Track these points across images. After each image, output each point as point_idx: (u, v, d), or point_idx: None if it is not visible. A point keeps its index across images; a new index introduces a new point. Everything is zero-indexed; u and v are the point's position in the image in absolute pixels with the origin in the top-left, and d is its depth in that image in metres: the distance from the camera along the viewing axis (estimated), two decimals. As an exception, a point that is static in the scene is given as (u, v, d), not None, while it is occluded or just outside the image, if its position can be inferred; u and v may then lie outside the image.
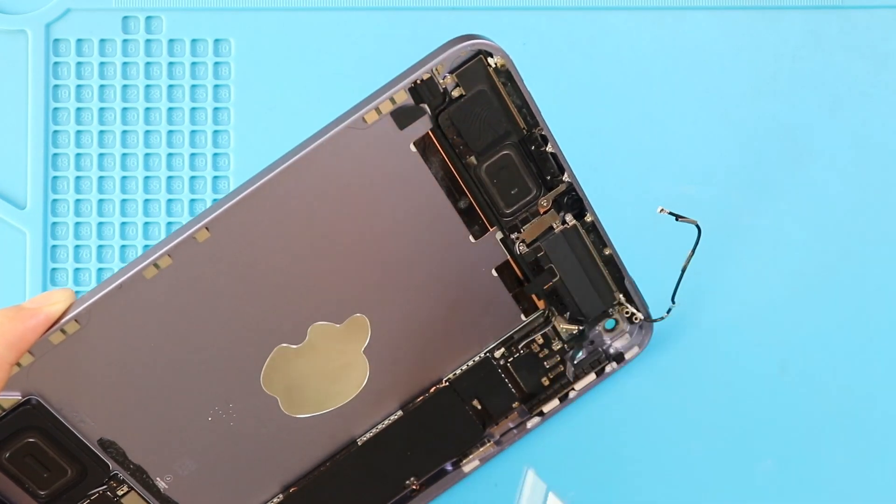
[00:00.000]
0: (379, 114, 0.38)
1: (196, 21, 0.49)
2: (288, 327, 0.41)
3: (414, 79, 0.37)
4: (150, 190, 0.49)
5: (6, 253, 0.49)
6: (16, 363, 0.37)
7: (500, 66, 0.38)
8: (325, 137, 0.38)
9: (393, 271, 0.41)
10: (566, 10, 0.49)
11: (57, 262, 0.49)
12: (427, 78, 0.38)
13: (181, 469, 0.43)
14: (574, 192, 0.41)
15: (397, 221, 0.40)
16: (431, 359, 0.44)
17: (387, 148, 0.39)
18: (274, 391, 0.42)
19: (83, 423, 0.40)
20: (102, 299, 0.38)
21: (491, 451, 0.47)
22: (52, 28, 0.49)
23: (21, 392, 0.39)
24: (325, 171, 0.38)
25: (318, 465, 0.45)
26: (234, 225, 0.38)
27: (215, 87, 0.49)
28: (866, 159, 0.49)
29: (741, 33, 0.49)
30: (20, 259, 0.49)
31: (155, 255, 0.38)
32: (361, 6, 0.49)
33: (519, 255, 0.42)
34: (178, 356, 0.40)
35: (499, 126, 0.39)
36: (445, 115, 0.38)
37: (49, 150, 0.49)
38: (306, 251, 0.40)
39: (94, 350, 0.39)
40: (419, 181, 0.40)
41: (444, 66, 0.38)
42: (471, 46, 0.38)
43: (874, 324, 0.48)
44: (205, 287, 0.39)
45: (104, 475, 0.42)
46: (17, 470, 0.40)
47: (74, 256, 0.49)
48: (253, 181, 0.38)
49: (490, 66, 0.38)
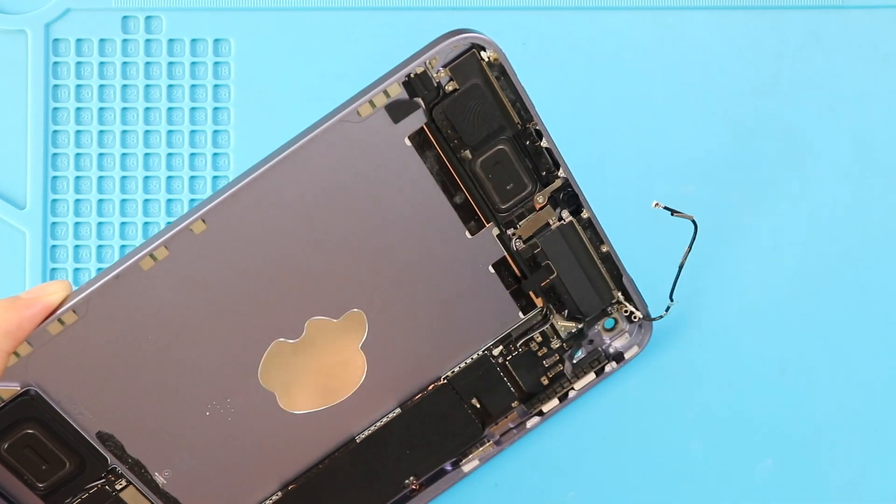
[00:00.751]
0: (373, 107, 0.38)
1: (196, 21, 0.49)
2: (285, 321, 0.41)
3: (407, 72, 0.38)
4: (150, 190, 0.49)
5: (6, 253, 0.49)
6: (13, 352, 0.38)
7: (493, 60, 0.38)
8: (320, 129, 0.38)
9: (389, 266, 0.41)
10: (566, 10, 0.49)
11: (57, 262, 0.49)
12: (421, 72, 0.38)
13: (180, 464, 0.43)
14: (570, 187, 0.42)
15: (393, 216, 0.40)
16: (429, 356, 0.44)
17: (382, 142, 0.39)
18: (271, 386, 0.42)
19: (81, 415, 0.40)
20: (100, 289, 0.38)
21: (491, 451, 0.47)
22: (52, 28, 0.49)
23: (20, 383, 0.39)
24: (321, 164, 0.39)
25: (317, 463, 0.45)
26: (229, 217, 0.38)
27: (215, 86, 0.49)
28: (866, 159, 0.49)
29: (741, 33, 0.49)
30: (20, 259, 0.49)
31: (151, 246, 0.38)
32: (361, 6, 0.49)
33: (515, 252, 0.42)
34: (176, 349, 0.40)
35: (493, 120, 0.39)
36: (440, 108, 0.39)
37: (49, 150, 0.49)
38: (302, 245, 0.40)
39: (92, 342, 0.39)
40: (415, 176, 0.40)
41: (437, 60, 0.38)
42: (464, 40, 0.38)
43: (874, 324, 0.48)
44: (202, 279, 0.39)
45: (102, 469, 0.42)
46: (16, 461, 0.40)
47: (74, 256, 0.49)
48: (248, 173, 0.38)
49: (483, 60, 0.38)
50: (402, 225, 0.41)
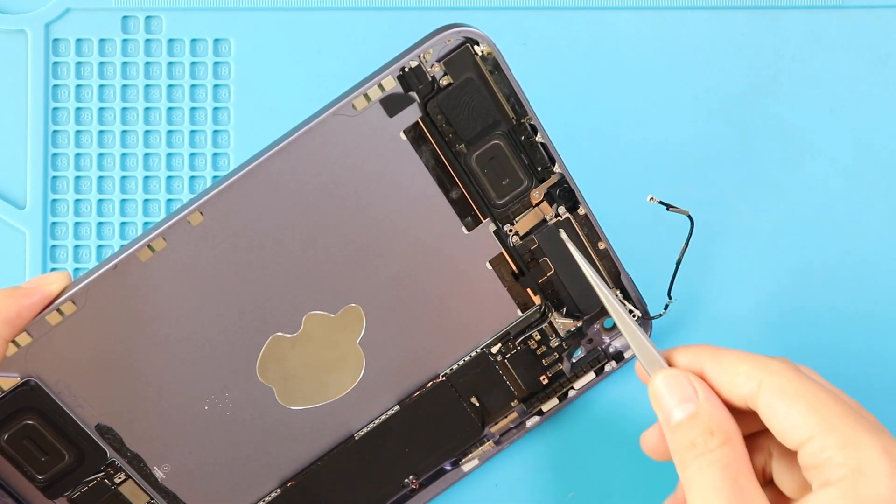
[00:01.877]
0: (368, 100, 0.38)
1: (196, 21, 0.49)
2: (283, 316, 0.41)
3: (401, 65, 0.38)
4: (150, 190, 0.49)
5: (6, 253, 0.49)
6: (12, 340, 0.38)
7: (486, 54, 0.39)
8: (315, 121, 0.38)
9: (386, 262, 0.41)
10: (566, 10, 0.49)
11: (57, 262, 0.49)
12: (415, 66, 0.38)
13: (179, 459, 0.43)
14: (566, 183, 0.42)
15: (390, 210, 0.40)
16: (428, 352, 0.44)
17: (377, 136, 0.39)
18: (270, 381, 0.42)
19: (81, 407, 0.41)
20: (98, 280, 0.38)
21: (490, 451, 0.47)
22: (52, 28, 0.49)
23: (20, 373, 0.39)
24: (317, 156, 0.39)
25: (316, 460, 0.45)
26: (226, 208, 0.39)
27: (215, 86, 0.49)
28: (866, 159, 0.49)
29: (741, 33, 0.49)
30: (20, 259, 0.49)
31: (149, 237, 0.38)
32: (361, 6, 0.49)
33: (512, 248, 0.43)
34: (174, 341, 0.40)
35: (487, 115, 0.40)
36: (434, 102, 0.39)
37: (49, 150, 0.49)
38: (300, 238, 0.40)
39: (91, 333, 0.39)
40: (410, 170, 0.40)
41: (431, 55, 0.38)
42: (457, 34, 0.38)
43: (874, 323, 0.48)
44: (199, 271, 0.39)
45: (101, 462, 0.42)
46: (16, 452, 0.41)
47: (74, 256, 0.49)
48: (244, 165, 0.38)
49: (477, 55, 0.39)
50: (399, 220, 0.41)
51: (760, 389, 0.35)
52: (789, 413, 0.34)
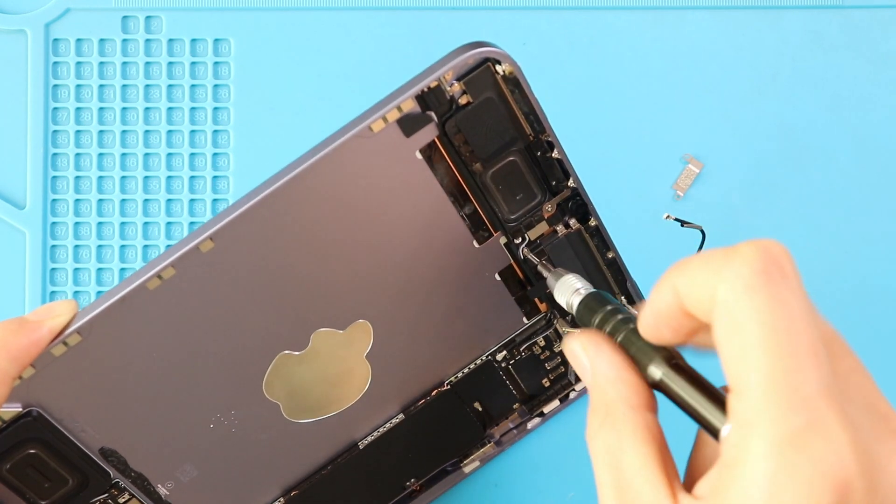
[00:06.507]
0: (385, 122, 0.37)
1: (196, 21, 0.49)
2: (291, 335, 0.41)
3: (421, 87, 0.37)
4: (150, 190, 0.49)
5: (6, 253, 0.49)
6: (18, 376, 0.37)
7: (508, 74, 0.37)
8: (331, 147, 0.37)
9: (396, 277, 0.41)
10: (566, 10, 0.49)
11: (56, 262, 0.49)
12: (434, 86, 0.37)
13: (182, 475, 0.42)
14: (579, 196, 0.41)
15: (401, 227, 0.40)
16: (433, 362, 0.44)
17: (393, 155, 0.38)
18: (276, 397, 0.42)
19: (84, 432, 0.40)
20: (105, 312, 0.37)
21: (491, 452, 0.47)
22: (52, 28, 0.49)
23: (22, 404, 0.38)
24: (331, 181, 0.38)
25: (319, 469, 0.45)
26: (238, 236, 0.38)
27: (215, 86, 0.49)
28: (866, 159, 0.49)
29: (741, 33, 0.49)
30: (20, 259, 0.49)
31: (158, 267, 0.37)
32: (361, 6, 0.49)
33: (522, 260, 0.42)
34: (180, 365, 0.40)
35: (505, 133, 0.39)
36: (452, 122, 0.38)
37: (48, 150, 0.49)
38: (310, 259, 0.39)
39: (96, 361, 0.38)
40: (424, 188, 0.39)
41: (451, 74, 0.37)
42: (479, 54, 0.37)
43: (874, 323, 0.48)
44: (208, 297, 0.39)
45: (106, 484, 0.41)
46: (18, 481, 0.40)
47: (74, 256, 0.49)
48: (258, 191, 0.37)
49: (498, 74, 0.37)
50: (410, 235, 0.40)
51: (714, 306, 0.27)
52: (724, 347, 0.27)
